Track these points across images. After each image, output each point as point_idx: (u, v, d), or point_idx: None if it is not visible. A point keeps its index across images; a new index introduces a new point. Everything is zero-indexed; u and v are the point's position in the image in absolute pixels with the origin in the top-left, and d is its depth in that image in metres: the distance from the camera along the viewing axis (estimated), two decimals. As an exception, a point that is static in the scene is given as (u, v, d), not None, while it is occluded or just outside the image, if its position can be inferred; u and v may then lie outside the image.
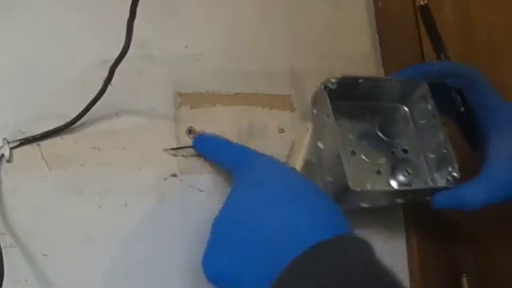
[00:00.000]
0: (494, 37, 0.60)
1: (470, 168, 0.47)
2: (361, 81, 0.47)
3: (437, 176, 0.49)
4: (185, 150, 0.45)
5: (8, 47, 0.41)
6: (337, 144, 0.43)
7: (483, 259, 0.57)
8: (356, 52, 0.57)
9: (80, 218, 0.41)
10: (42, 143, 0.40)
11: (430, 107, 0.48)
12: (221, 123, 0.47)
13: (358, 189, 0.42)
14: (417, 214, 0.54)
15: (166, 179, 0.44)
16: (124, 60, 0.40)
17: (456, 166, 0.46)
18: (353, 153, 0.48)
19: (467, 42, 0.60)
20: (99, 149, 0.42)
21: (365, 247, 0.35)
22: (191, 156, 0.46)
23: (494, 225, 0.57)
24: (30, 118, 0.40)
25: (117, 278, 0.41)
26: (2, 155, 0.39)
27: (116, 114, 0.44)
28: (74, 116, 0.40)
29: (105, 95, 0.40)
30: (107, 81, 0.40)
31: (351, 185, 0.42)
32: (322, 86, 0.45)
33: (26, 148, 0.40)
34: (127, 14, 0.38)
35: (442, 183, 0.48)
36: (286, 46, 0.49)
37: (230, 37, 0.50)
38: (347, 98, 0.48)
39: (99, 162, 0.42)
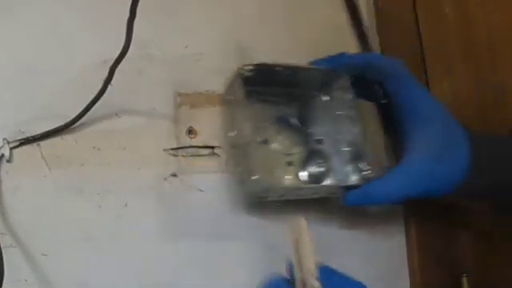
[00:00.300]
0: (494, 37, 0.60)
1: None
2: (279, 69, 0.45)
3: (349, 171, 0.47)
4: (185, 149, 0.45)
5: (8, 47, 0.41)
6: (247, 132, 0.42)
7: (483, 259, 0.57)
8: (356, 52, 0.57)
9: (80, 217, 0.41)
10: (42, 143, 0.40)
11: (349, 99, 0.47)
12: (221, 123, 0.47)
13: (262, 185, 0.41)
14: (417, 214, 0.54)
15: (166, 179, 0.44)
16: (124, 60, 0.40)
17: (369, 163, 0.45)
18: (265, 141, 0.46)
19: (467, 42, 0.60)
20: (99, 149, 0.42)
21: None
22: (191, 156, 0.46)
23: (495, 225, 0.57)
24: (29, 118, 0.40)
25: (116, 278, 0.41)
26: (2, 155, 0.39)
27: (116, 114, 0.44)
28: (74, 116, 0.40)
29: (105, 95, 0.40)
30: (107, 81, 0.40)
31: (256, 176, 0.41)
32: (238, 74, 0.43)
33: (26, 148, 0.40)
34: (127, 14, 0.38)
35: (353, 180, 0.46)
36: (286, 45, 0.49)
37: (230, 37, 0.50)
38: (266, 83, 0.46)
39: (99, 161, 0.42)
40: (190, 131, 0.46)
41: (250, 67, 0.43)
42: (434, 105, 0.46)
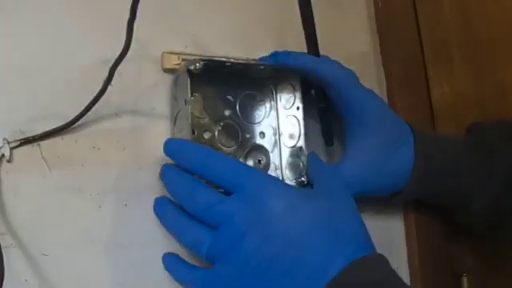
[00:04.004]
0: (494, 37, 0.60)
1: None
2: (228, 64, 0.44)
3: (288, 173, 0.48)
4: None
5: (8, 47, 0.41)
6: (189, 131, 0.41)
7: (483, 259, 0.57)
8: (356, 52, 0.57)
9: (80, 218, 0.41)
10: (42, 143, 0.40)
11: (295, 98, 0.48)
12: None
13: None
14: (417, 214, 0.54)
15: (166, 179, 0.44)
16: (124, 60, 0.40)
17: (305, 170, 0.46)
18: (205, 138, 0.45)
19: (467, 42, 0.60)
20: (99, 149, 0.42)
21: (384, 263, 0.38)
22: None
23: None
24: (29, 118, 0.40)
25: (116, 278, 0.41)
26: (2, 155, 0.39)
27: (116, 114, 0.44)
28: (74, 116, 0.40)
29: (105, 95, 0.40)
30: (107, 81, 0.40)
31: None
32: (185, 69, 0.42)
33: (26, 148, 0.40)
34: (127, 14, 0.38)
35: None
36: (287, 46, 0.49)
37: (230, 38, 0.50)
38: (213, 79, 0.45)
39: (99, 161, 0.42)
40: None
41: (199, 63, 0.42)
42: (373, 115, 0.47)
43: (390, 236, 0.54)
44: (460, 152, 0.49)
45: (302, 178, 0.46)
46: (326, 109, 0.49)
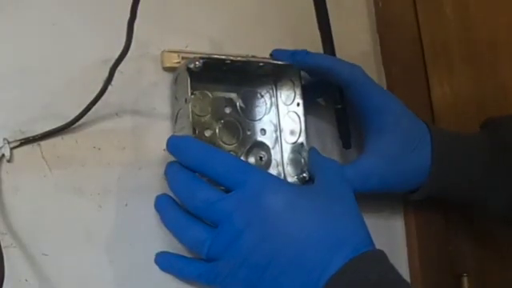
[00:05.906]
0: (495, 37, 0.60)
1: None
2: (228, 62, 0.44)
3: (289, 170, 0.48)
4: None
5: (8, 47, 0.41)
6: (190, 130, 0.41)
7: (483, 259, 0.57)
8: (356, 52, 0.56)
9: (80, 217, 0.41)
10: (43, 143, 0.40)
11: (295, 94, 0.48)
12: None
13: None
14: (417, 214, 0.54)
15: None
16: (124, 60, 0.40)
17: (306, 165, 0.46)
18: (206, 135, 0.45)
19: (467, 42, 0.61)
20: (99, 149, 0.42)
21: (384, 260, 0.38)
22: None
23: (495, 224, 0.57)
24: (29, 118, 0.40)
25: (117, 278, 0.41)
26: (3, 155, 0.39)
27: (116, 114, 0.44)
28: (74, 116, 0.40)
29: (105, 95, 0.40)
30: (107, 81, 0.40)
31: None
32: (185, 67, 0.42)
33: (27, 148, 0.40)
34: (127, 14, 0.38)
35: (291, 180, 0.47)
36: (287, 46, 0.49)
37: (230, 37, 0.50)
38: (213, 77, 0.45)
39: (99, 161, 0.42)
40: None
41: (198, 62, 0.42)
42: (390, 114, 0.47)
43: (390, 236, 0.54)
44: (476, 150, 0.49)
45: (304, 174, 0.46)
46: (344, 110, 0.49)
